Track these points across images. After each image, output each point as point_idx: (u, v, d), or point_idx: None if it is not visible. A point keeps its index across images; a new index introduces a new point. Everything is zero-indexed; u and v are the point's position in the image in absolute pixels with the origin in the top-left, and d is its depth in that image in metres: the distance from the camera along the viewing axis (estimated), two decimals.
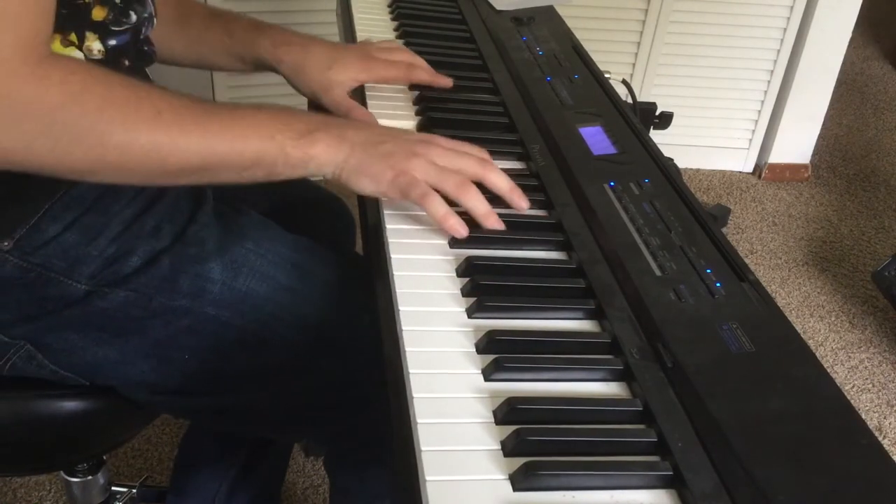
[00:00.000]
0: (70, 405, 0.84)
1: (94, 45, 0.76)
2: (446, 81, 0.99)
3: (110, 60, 0.78)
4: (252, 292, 0.81)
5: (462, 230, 0.74)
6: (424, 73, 0.99)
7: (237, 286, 0.80)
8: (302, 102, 1.07)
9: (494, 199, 0.79)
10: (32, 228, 0.74)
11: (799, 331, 0.67)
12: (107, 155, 0.66)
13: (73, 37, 0.74)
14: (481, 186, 0.77)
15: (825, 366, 0.87)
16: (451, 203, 0.75)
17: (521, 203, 0.79)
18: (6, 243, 0.73)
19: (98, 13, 0.75)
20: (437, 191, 0.75)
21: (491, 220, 0.76)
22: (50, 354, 0.80)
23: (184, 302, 0.79)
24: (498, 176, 0.78)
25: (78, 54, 0.75)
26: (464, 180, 0.76)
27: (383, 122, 0.94)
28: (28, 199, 0.74)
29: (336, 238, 1.13)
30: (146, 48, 0.84)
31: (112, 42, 0.77)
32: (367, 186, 0.76)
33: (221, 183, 0.75)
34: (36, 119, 0.63)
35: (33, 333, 0.78)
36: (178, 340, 0.80)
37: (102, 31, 0.76)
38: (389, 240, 0.74)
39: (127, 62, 0.80)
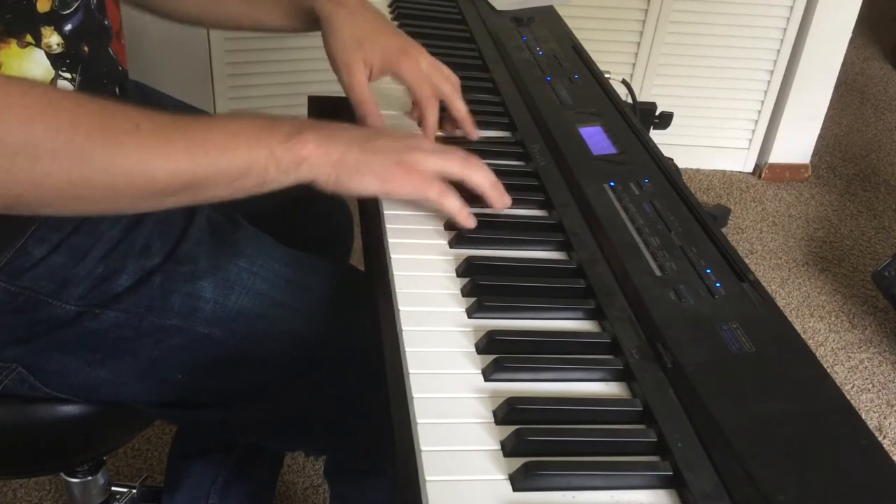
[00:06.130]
0: (70, 409, 0.83)
1: (52, 38, 0.73)
2: (472, 131, 0.92)
3: (70, 51, 0.75)
4: (244, 310, 0.79)
5: (474, 222, 0.75)
6: (458, 120, 0.91)
7: (229, 304, 0.79)
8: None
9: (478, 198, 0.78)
10: (18, 252, 0.72)
11: (799, 331, 0.67)
12: (91, 174, 0.62)
13: (28, 37, 0.72)
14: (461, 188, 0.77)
15: (825, 366, 0.87)
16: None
17: (500, 201, 0.78)
18: None
19: (43, 4, 0.72)
20: (440, 175, 0.75)
21: (495, 192, 0.77)
22: (42, 377, 0.79)
23: (175, 321, 0.77)
24: (483, 173, 0.78)
25: (39, 53, 0.73)
26: (467, 156, 0.76)
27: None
28: (13, 221, 0.71)
29: (334, 236, 1.13)
30: (105, 22, 0.82)
31: (68, 27, 0.74)
32: (369, 185, 0.73)
33: (212, 200, 0.71)
34: (4, 138, 0.58)
35: (25, 356, 0.77)
36: (170, 359, 0.79)
37: (55, 20, 0.73)
38: (389, 240, 0.74)
39: (86, 48, 0.78)
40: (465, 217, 0.75)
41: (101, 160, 0.62)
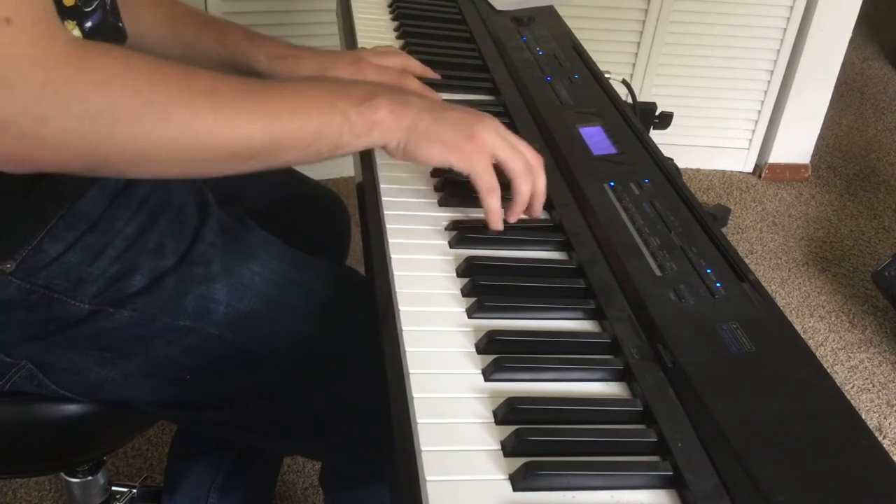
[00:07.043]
0: (72, 408, 0.83)
1: (74, 32, 0.73)
2: (434, 95, 0.97)
3: None
4: (255, 313, 0.80)
5: (501, 227, 0.76)
6: (414, 82, 0.97)
7: (241, 307, 0.79)
8: None
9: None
10: (34, 249, 0.72)
11: (799, 331, 0.67)
12: (169, 135, 0.63)
13: None
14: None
15: (825, 366, 0.87)
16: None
17: (514, 216, 0.78)
18: (8, 265, 0.71)
19: None
20: (499, 164, 0.75)
21: (520, 206, 0.77)
22: (51, 374, 0.79)
23: (188, 322, 0.78)
24: (528, 188, 0.78)
25: None
26: (532, 163, 0.76)
27: None
28: (29, 219, 0.73)
29: (331, 236, 1.13)
30: (119, 24, 0.82)
31: (88, 24, 0.75)
32: (436, 154, 0.74)
33: (288, 164, 0.71)
34: (86, 99, 0.59)
35: (35, 353, 0.77)
36: (179, 360, 0.79)
37: (78, 15, 0.74)
38: (389, 240, 0.74)
39: None
40: (496, 221, 0.76)
41: (178, 122, 0.63)
